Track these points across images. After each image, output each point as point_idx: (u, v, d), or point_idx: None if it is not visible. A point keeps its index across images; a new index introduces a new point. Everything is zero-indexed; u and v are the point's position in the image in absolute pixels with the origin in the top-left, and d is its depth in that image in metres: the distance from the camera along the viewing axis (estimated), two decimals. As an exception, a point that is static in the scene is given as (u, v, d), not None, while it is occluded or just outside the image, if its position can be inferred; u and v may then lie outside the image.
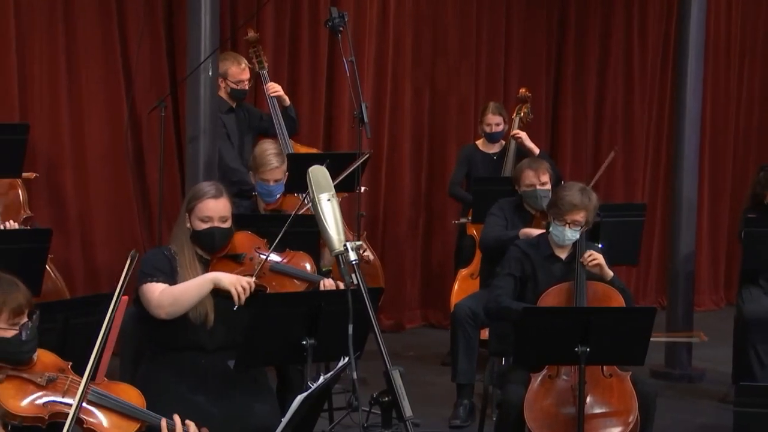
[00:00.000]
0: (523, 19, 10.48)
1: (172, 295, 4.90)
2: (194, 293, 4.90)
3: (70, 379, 3.66)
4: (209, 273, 4.97)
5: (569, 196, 5.83)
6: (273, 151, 6.62)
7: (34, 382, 3.60)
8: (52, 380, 3.63)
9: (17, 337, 3.54)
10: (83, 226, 8.42)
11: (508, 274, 5.95)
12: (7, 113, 7.95)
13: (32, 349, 3.61)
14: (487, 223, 7.14)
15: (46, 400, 3.58)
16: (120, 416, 3.69)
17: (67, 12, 8.26)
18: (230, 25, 8.66)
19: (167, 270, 5.00)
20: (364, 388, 6.46)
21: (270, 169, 6.54)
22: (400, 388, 3.54)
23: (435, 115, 10.07)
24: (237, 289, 4.88)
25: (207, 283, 4.91)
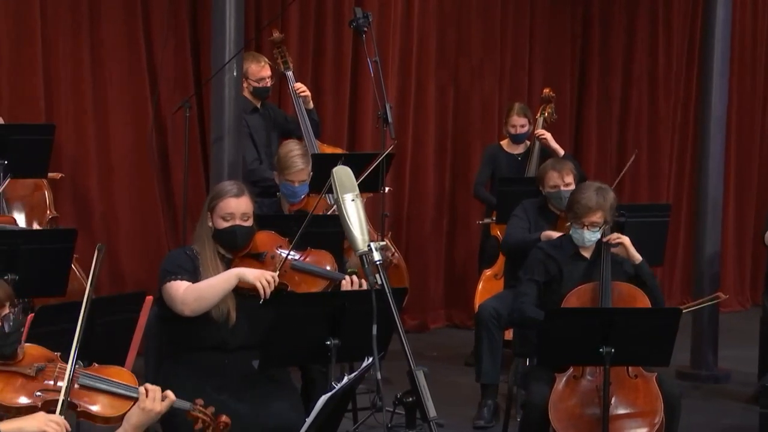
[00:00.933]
0: (548, 18, 10.46)
1: (197, 291, 4.91)
2: (219, 289, 4.91)
3: (59, 367, 3.69)
4: (233, 269, 4.98)
5: (584, 198, 5.81)
6: (298, 152, 6.62)
7: (23, 374, 3.62)
8: (41, 369, 3.65)
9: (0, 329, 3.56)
10: (108, 227, 8.45)
11: (531, 280, 5.92)
12: (33, 114, 8.00)
13: (16, 341, 3.63)
14: (510, 225, 7.12)
15: (37, 390, 3.60)
16: (113, 397, 3.71)
17: (92, 13, 8.30)
18: (254, 26, 8.68)
19: (190, 268, 5.01)
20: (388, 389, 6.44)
21: (295, 171, 6.55)
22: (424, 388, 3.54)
23: (459, 115, 10.06)
24: (262, 282, 4.89)
25: (232, 278, 4.92)
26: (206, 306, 4.91)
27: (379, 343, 3.70)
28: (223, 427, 3.94)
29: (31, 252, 5.50)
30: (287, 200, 6.66)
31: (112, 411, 3.69)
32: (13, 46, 8.00)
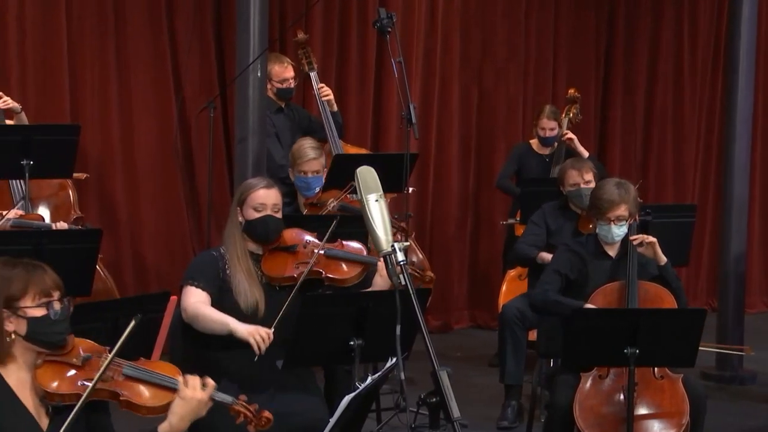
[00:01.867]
0: (572, 18, 10.43)
1: (196, 312, 4.93)
2: (210, 327, 4.92)
3: (104, 357, 3.70)
4: (231, 320, 4.89)
5: (606, 193, 5.80)
6: (310, 145, 6.70)
7: (70, 363, 3.64)
8: (88, 359, 3.66)
9: (46, 316, 3.57)
10: (132, 227, 8.49)
11: (556, 271, 5.92)
12: (59, 114, 8.04)
13: (64, 330, 3.63)
14: (524, 233, 7.17)
15: (82, 379, 3.61)
16: (156, 388, 3.72)
17: (117, 14, 8.34)
18: (278, 26, 8.69)
19: (211, 273, 5.02)
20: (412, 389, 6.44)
21: (307, 160, 6.59)
22: (447, 388, 3.54)
23: (483, 115, 10.05)
24: (255, 338, 4.83)
25: (224, 327, 4.89)
26: (196, 328, 4.94)
27: (403, 344, 3.70)
28: (265, 422, 3.93)
29: (57, 251, 5.52)
30: (302, 193, 6.68)
31: (154, 401, 3.69)
32: (39, 47, 8.05)
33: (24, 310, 3.54)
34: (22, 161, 6.66)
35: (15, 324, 3.55)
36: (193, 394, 3.72)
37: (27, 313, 3.54)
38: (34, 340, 3.57)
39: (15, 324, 3.55)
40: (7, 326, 3.54)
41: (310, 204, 6.72)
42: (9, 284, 3.55)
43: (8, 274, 3.57)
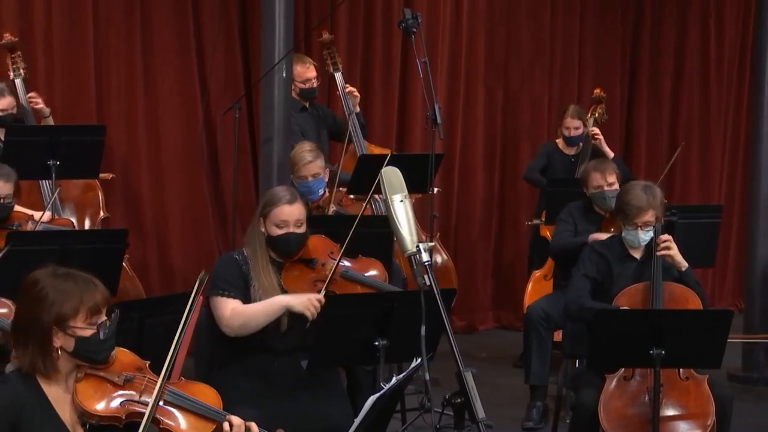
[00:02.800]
0: (598, 18, 10.41)
1: (242, 317, 4.94)
2: (264, 318, 4.94)
3: (147, 379, 3.68)
4: (280, 297, 4.96)
5: (634, 199, 5.77)
6: (306, 149, 6.71)
7: (111, 381, 3.62)
8: (130, 380, 3.64)
9: (95, 336, 3.57)
10: (158, 227, 8.52)
11: (585, 275, 5.90)
12: (85, 115, 8.08)
13: (110, 347, 3.64)
14: (556, 230, 7.12)
15: (123, 400, 3.60)
16: (196, 417, 3.70)
17: (143, 15, 8.38)
18: (304, 27, 8.70)
19: (238, 281, 5.03)
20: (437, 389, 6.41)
21: (304, 164, 6.60)
22: (472, 389, 3.54)
23: (508, 115, 10.03)
24: (310, 310, 4.90)
25: (279, 308, 4.93)
26: (250, 332, 4.95)
27: (428, 344, 3.70)
28: None
29: (83, 252, 5.54)
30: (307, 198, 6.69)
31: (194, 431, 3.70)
32: (66, 48, 8.09)
33: (74, 330, 3.55)
34: (49, 162, 6.70)
35: (62, 340, 3.55)
36: None
37: (76, 333, 3.55)
38: (80, 357, 3.59)
39: (62, 340, 3.55)
40: (54, 342, 3.55)
41: (315, 207, 6.72)
42: (62, 302, 3.54)
43: (62, 288, 3.56)
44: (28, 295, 3.59)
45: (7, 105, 7.07)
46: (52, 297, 3.54)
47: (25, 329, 3.57)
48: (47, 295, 3.54)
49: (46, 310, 3.53)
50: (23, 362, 3.55)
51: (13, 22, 7.81)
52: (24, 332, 3.57)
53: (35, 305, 3.55)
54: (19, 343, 3.57)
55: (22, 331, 3.58)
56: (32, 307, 3.56)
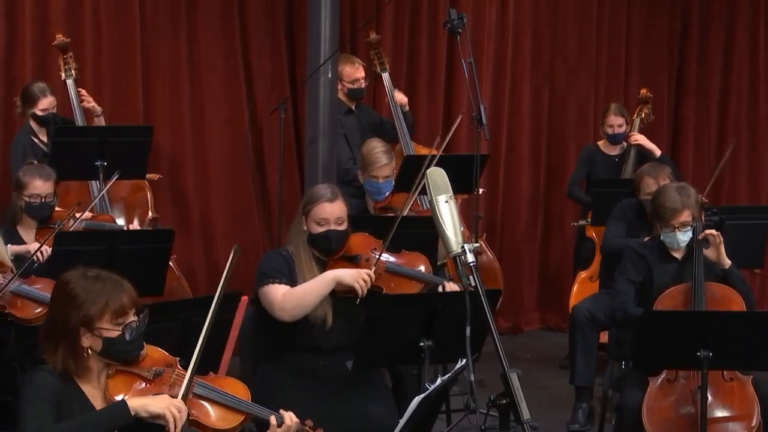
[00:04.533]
0: (645, 16, 10.34)
1: (295, 297, 4.94)
2: (317, 293, 4.94)
3: (176, 373, 3.73)
4: (330, 271, 4.99)
5: (668, 201, 5.74)
6: (381, 149, 6.69)
7: (141, 376, 3.67)
8: (159, 374, 3.69)
9: (121, 337, 3.62)
10: (204, 227, 8.56)
11: (628, 280, 5.87)
12: (133, 115, 8.13)
13: (137, 347, 3.69)
14: (608, 229, 7.08)
15: (153, 394, 3.64)
16: (225, 409, 3.74)
17: (189, 16, 8.42)
18: (349, 28, 8.72)
19: (286, 271, 5.05)
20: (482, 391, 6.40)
21: (379, 167, 6.60)
22: (517, 390, 3.53)
23: (554, 115, 10.00)
24: (359, 283, 4.91)
25: (329, 281, 4.94)
26: (305, 311, 4.94)
27: (473, 345, 3.70)
28: None
29: (130, 252, 5.58)
30: (372, 197, 6.69)
31: (223, 423, 3.72)
32: (114, 50, 8.15)
33: (100, 331, 3.59)
34: (97, 162, 6.74)
35: (90, 340, 3.61)
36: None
37: (103, 333, 3.60)
38: (108, 356, 3.63)
39: (90, 340, 3.61)
40: (83, 342, 3.59)
41: (381, 208, 6.72)
42: (90, 303, 3.60)
43: (90, 289, 3.62)
44: (59, 296, 3.68)
45: (48, 105, 7.14)
46: (81, 298, 3.61)
47: (55, 330, 3.63)
48: (77, 296, 3.62)
49: (75, 310, 3.60)
50: (55, 362, 3.61)
51: (62, 24, 7.88)
52: (54, 333, 3.63)
53: (65, 306, 3.62)
54: (50, 343, 3.63)
55: (52, 332, 3.65)
56: (62, 308, 3.63)
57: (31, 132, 7.16)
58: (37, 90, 7.16)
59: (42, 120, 7.13)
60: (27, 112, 7.17)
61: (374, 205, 6.72)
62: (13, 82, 7.78)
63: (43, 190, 5.92)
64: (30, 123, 7.18)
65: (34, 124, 7.18)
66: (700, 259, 5.64)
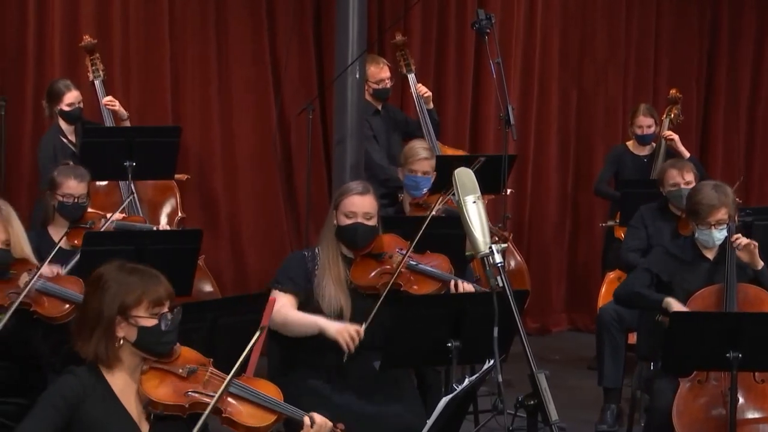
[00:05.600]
0: (674, 16, 10.29)
1: (283, 318, 4.98)
2: (299, 329, 4.99)
3: (210, 371, 3.74)
4: (319, 319, 4.96)
5: (705, 198, 5.72)
6: (423, 145, 6.72)
7: (175, 373, 3.68)
8: (193, 372, 3.71)
9: (157, 326, 3.63)
10: (232, 228, 8.59)
11: (647, 269, 5.87)
12: (161, 115, 8.17)
13: (172, 340, 3.69)
14: (626, 239, 7.09)
15: (186, 391, 3.66)
16: (257, 407, 3.75)
17: (218, 17, 8.45)
18: (377, 28, 8.72)
19: (298, 275, 5.06)
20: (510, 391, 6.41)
21: (418, 159, 6.60)
22: (545, 391, 3.52)
23: (582, 116, 9.97)
24: (344, 338, 4.88)
25: (313, 327, 4.96)
26: (285, 333, 5.00)
27: (500, 346, 3.69)
28: None
29: (158, 252, 5.59)
30: (410, 193, 6.69)
31: (255, 421, 3.73)
32: (142, 51, 8.19)
33: (136, 319, 3.61)
34: (125, 163, 6.77)
35: (125, 330, 3.62)
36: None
37: (139, 322, 3.61)
38: (142, 347, 3.64)
39: (125, 330, 3.62)
40: (118, 332, 3.61)
41: (416, 204, 6.73)
42: (125, 292, 3.61)
43: (125, 281, 3.64)
44: (93, 288, 3.69)
45: (73, 99, 7.17)
46: (115, 288, 3.62)
47: (89, 321, 3.64)
48: (111, 287, 3.63)
49: (110, 300, 3.61)
50: (87, 352, 3.62)
51: (91, 25, 7.93)
52: (88, 323, 3.64)
53: (99, 297, 3.63)
54: (83, 335, 3.64)
55: (86, 323, 3.66)
56: (96, 299, 3.64)
57: (60, 132, 7.20)
58: (61, 86, 7.20)
59: (69, 116, 7.17)
60: (54, 110, 7.21)
61: (410, 200, 6.72)
62: (43, 83, 7.82)
63: (76, 190, 5.94)
64: (59, 123, 7.22)
65: (62, 123, 7.21)
66: (733, 260, 5.62)
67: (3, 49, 7.72)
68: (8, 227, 4.44)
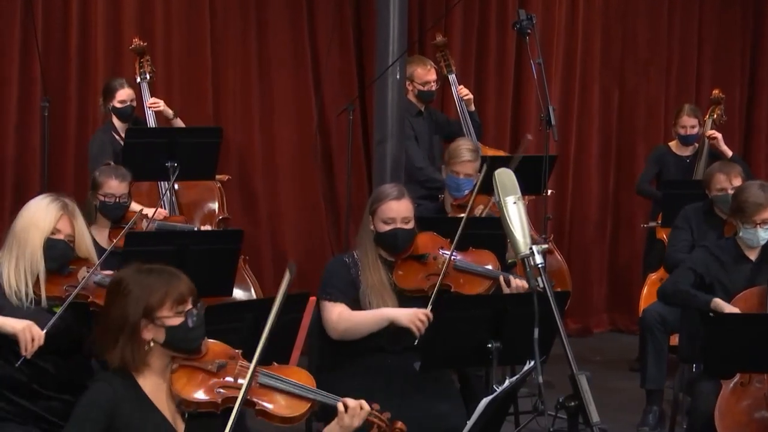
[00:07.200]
0: (717, 16, 10.22)
1: (348, 323, 4.98)
2: (368, 327, 4.98)
3: (240, 364, 3.73)
4: (387, 310, 4.99)
5: (752, 196, 5.69)
6: (467, 146, 6.68)
7: (205, 369, 3.68)
8: (223, 366, 3.70)
9: (184, 324, 3.63)
10: (273, 227, 8.61)
11: (691, 269, 5.84)
12: (203, 116, 8.20)
13: (200, 336, 3.69)
14: (671, 241, 7.03)
15: (218, 387, 3.66)
16: (291, 397, 3.74)
17: (259, 18, 8.48)
18: (418, 29, 8.72)
19: (346, 285, 5.06)
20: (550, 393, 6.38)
21: (461, 161, 6.58)
22: (586, 392, 3.50)
23: (623, 116, 9.92)
24: (416, 324, 4.91)
25: (384, 320, 4.97)
26: (354, 338, 4.99)
27: (541, 347, 3.67)
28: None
29: (200, 252, 5.61)
30: (452, 194, 6.67)
31: (289, 411, 3.72)
32: (184, 52, 8.24)
33: (162, 320, 3.60)
34: (167, 163, 6.80)
35: (153, 332, 3.61)
36: (351, 421, 3.75)
37: (165, 322, 3.61)
38: (172, 347, 3.64)
39: (153, 332, 3.61)
40: (145, 335, 3.61)
41: (458, 206, 6.72)
42: (148, 294, 3.61)
43: (146, 282, 3.63)
44: (114, 295, 3.67)
45: (126, 96, 7.23)
46: (137, 291, 3.61)
47: (112, 328, 3.62)
48: (132, 291, 3.61)
49: (133, 304, 3.59)
50: (113, 359, 3.62)
51: (134, 27, 7.97)
52: (112, 331, 3.63)
53: (121, 302, 3.61)
54: (108, 341, 3.64)
55: (109, 330, 3.64)
56: (119, 305, 3.62)
57: (113, 128, 7.26)
58: (115, 83, 7.27)
59: (121, 113, 7.22)
60: (108, 107, 7.28)
61: (452, 201, 6.72)
62: (86, 85, 7.88)
63: (118, 190, 5.98)
64: (112, 120, 7.28)
65: (115, 120, 7.27)
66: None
67: (47, 51, 7.78)
68: (75, 223, 4.50)
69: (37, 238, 4.43)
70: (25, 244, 4.42)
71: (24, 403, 4.33)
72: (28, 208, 4.54)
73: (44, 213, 4.47)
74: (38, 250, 4.43)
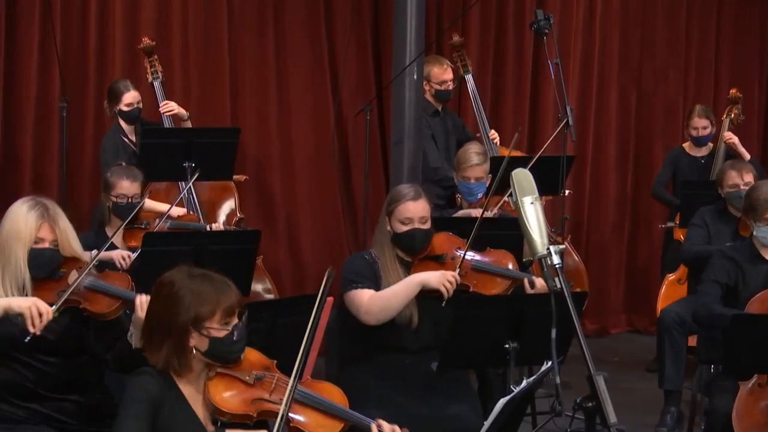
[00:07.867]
0: (735, 15, 10.20)
1: (381, 301, 4.95)
2: (403, 297, 4.95)
3: (276, 378, 3.73)
4: (415, 275, 5.00)
5: (764, 194, 5.68)
6: (475, 150, 6.67)
7: (242, 380, 3.68)
8: (260, 379, 3.70)
9: (229, 337, 3.63)
10: (290, 228, 8.62)
11: (714, 281, 5.80)
12: (220, 117, 8.21)
13: (242, 348, 3.70)
14: (688, 236, 7.01)
15: (254, 399, 3.65)
16: (325, 415, 3.73)
17: (276, 19, 8.49)
18: (435, 29, 8.71)
19: (370, 275, 5.06)
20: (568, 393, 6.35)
21: (470, 166, 6.57)
22: (604, 393, 3.49)
23: (641, 116, 9.90)
24: (445, 285, 4.91)
25: (415, 285, 4.95)
26: (390, 315, 4.95)
27: (559, 347, 3.66)
28: None
29: (217, 252, 5.63)
30: (465, 199, 6.67)
31: (323, 430, 3.72)
32: (201, 52, 8.25)
33: (209, 330, 3.61)
34: (184, 163, 6.82)
35: (196, 340, 3.62)
36: None
37: (211, 333, 3.61)
38: (213, 357, 3.65)
39: (196, 340, 3.62)
40: (190, 341, 3.61)
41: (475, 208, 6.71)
42: (200, 303, 3.61)
43: (199, 290, 3.62)
44: (164, 296, 3.66)
45: (132, 99, 7.23)
46: (189, 298, 3.60)
47: (160, 329, 3.63)
48: (184, 297, 3.60)
49: (183, 311, 3.59)
50: (157, 361, 3.62)
51: (151, 28, 7.99)
52: (159, 332, 3.63)
53: (171, 306, 3.61)
54: (153, 342, 3.64)
55: (156, 331, 3.64)
56: (168, 308, 3.61)
57: (121, 131, 7.27)
58: (120, 86, 7.26)
59: (128, 116, 7.22)
60: (114, 110, 7.28)
61: (467, 206, 6.71)
62: (104, 85, 7.89)
63: (129, 190, 5.99)
64: (119, 122, 7.29)
65: (122, 123, 7.28)
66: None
67: (65, 52, 7.81)
68: (55, 227, 4.40)
69: (19, 250, 4.28)
70: (9, 254, 4.29)
71: (34, 407, 4.32)
72: (8, 216, 4.37)
73: (24, 223, 4.28)
74: (22, 261, 4.32)
